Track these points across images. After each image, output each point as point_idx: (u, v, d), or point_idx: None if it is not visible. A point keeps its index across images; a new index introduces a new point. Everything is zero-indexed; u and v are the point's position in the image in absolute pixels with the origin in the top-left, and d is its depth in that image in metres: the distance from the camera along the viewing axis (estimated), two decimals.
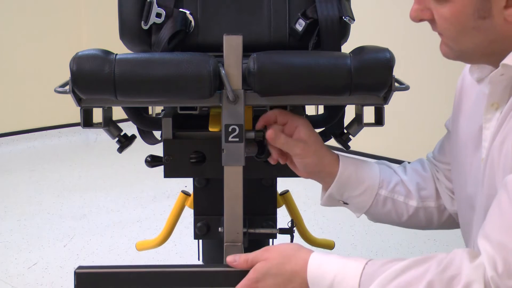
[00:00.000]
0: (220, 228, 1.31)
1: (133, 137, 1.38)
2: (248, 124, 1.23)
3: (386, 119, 1.26)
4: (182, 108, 1.24)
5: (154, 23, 1.29)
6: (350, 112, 1.37)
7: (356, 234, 2.61)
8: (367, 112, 1.26)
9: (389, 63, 1.14)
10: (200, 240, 1.54)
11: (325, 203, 1.24)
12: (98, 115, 1.25)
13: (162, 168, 1.33)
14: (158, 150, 1.37)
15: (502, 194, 0.89)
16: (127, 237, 2.61)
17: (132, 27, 1.32)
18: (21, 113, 4.00)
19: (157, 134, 1.43)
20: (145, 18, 1.30)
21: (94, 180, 3.34)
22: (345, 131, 1.37)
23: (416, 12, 0.99)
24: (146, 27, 1.30)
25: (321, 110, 1.46)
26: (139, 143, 1.45)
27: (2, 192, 3.16)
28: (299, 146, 1.17)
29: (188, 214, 1.55)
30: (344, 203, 1.23)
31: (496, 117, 0.98)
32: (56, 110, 3.97)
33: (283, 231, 1.33)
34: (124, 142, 1.35)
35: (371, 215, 1.25)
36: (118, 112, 1.33)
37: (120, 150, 1.36)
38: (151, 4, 1.29)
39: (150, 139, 1.48)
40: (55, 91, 1.17)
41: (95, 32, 4.09)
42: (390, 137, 3.25)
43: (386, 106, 1.23)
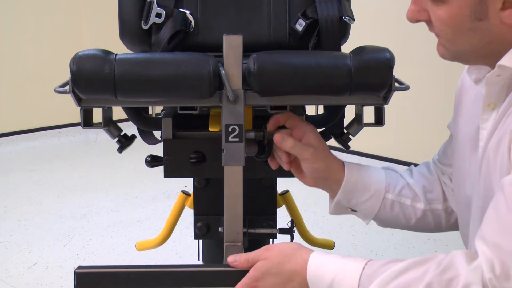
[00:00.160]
0: (220, 228, 1.31)
1: (133, 137, 1.38)
2: (248, 124, 1.23)
3: (386, 119, 1.26)
4: (182, 108, 1.24)
5: (154, 23, 1.30)
6: (350, 112, 1.36)
7: (356, 234, 2.61)
8: (367, 112, 1.26)
9: (389, 63, 1.14)
10: (200, 240, 1.54)
11: (333, 212, 1.24)
12: (98, 115, 1.25)
13: (162, 168, 1.33)
14: (158, 150, 1.37)
15: (499, 196, 0.89)
16: (127, 237, 2.60)
17: (132, 27, 1.32)
18: (21, 113, 3.99)
19: (157, 134, 1.43)
20: (145, 18, 1.30)
21: (94, 180, 3.34)
22: (345, 131, 1.37)
23: (413, 13, 0.99)
24: (146, 27, 1.30)
25: (321, 110, 1.46)
26: (139, 143, 1.45)
27: (2, 192, 3.16)
28: (309, 150, 1.16)
29: (188, 214, 1.55)
30: (353, 210, 1.22)
31: (492, 117, 0.98)
32: (56, 110, 3.96)
33: (283, 231, 1.33)
34: (124, 142, 1.35)
35: (380, 220, 1.24)
36: (118, 112, 1.33)
37: (120, 150, 1.37)
38: (151, 4, 1.29)
39: (150, 139, 1.48)
40: (55, 91, 1.17)
41: (95, 32, 4.08)
42: (390, 137, 3.25)
43: (386, 106, 1.23)
